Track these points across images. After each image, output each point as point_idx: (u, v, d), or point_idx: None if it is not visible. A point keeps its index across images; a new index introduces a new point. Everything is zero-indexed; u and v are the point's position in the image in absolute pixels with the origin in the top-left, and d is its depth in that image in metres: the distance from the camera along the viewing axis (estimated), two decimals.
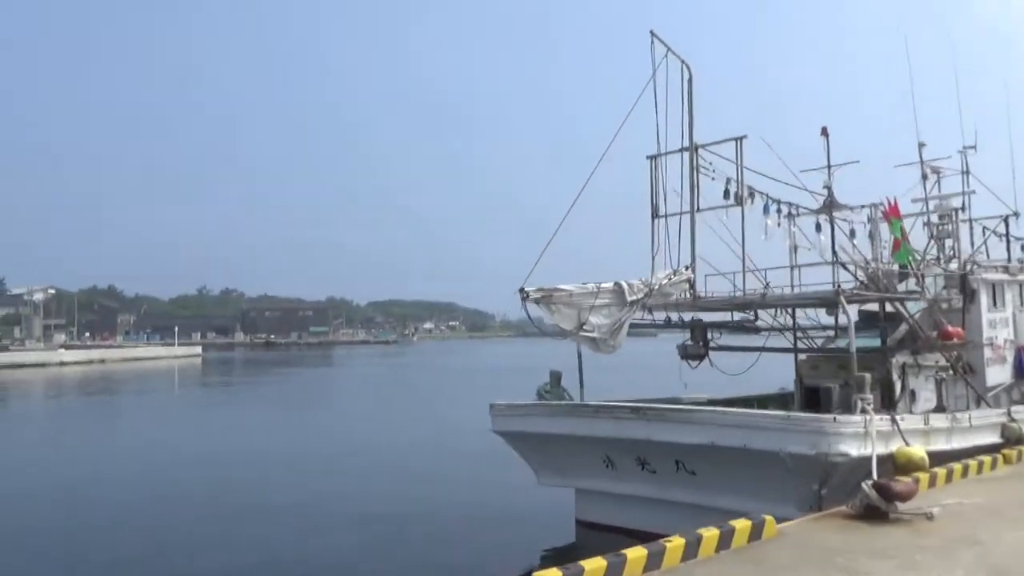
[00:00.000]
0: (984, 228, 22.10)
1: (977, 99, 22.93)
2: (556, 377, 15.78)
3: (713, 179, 14.65)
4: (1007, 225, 21.44)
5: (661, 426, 12.45)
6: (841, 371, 17.17)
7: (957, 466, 11.63)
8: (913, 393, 16.71)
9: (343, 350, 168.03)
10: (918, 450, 11.33)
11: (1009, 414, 14.59)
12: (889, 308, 16.76)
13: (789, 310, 18.57)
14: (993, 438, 14.18)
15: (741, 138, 14.22)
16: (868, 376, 12.10)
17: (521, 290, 12.87)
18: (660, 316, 16.77)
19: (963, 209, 19.73)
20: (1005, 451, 13.17)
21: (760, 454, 11.35)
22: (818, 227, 17.45)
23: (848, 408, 17.02)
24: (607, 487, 13.89)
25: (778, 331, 18.47)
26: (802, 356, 18.09)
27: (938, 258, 19.91)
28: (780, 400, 18.59)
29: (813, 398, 17.38)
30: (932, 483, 10.90)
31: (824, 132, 17.68)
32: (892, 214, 15.13)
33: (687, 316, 17.40)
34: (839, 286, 12.86)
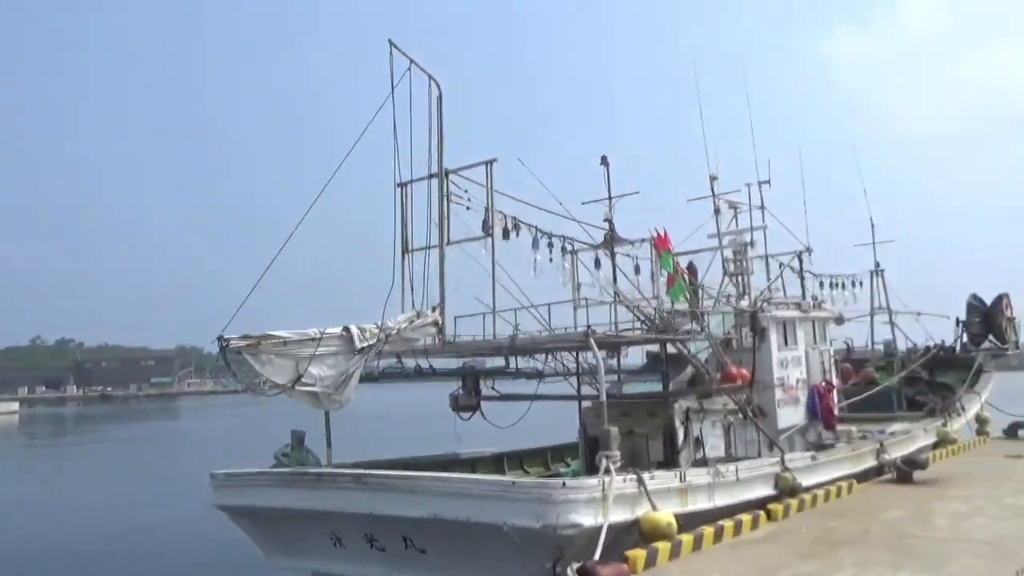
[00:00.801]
0: (781, 264, 21.72)
1: (772, 133, 22.76)
2: (298, 438, 13.59)
3: (469, 208, 13.03)
4: (800, 261, 21.04)
5: (385, 497, 10.50)
6: (624, 419, 15.89)
7: (708, 530, 10.23)
8: (699, 440, 15.55)
9: (191, 401, 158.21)
10: (664, 515, 9.87)
11: (783, 462, 13.50)
12: (673, 349, 15.60)
13: (576, 354, 17.22)
14: (767, 490, 13.02)
15: (491, 161, 12.71)
16: (614, 430, 10.59)
17: (220, 338, 10.70)
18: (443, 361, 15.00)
19: (751, 244, 19.05)
20: (772, 506, 11.94)
21: (486, 528, 9.57)
22: (597, 263, 16.19)
23: (635, 460, 15.81)
24: (339, 569, 11.79)
25: (561, 376, 17.00)
26: (588, 404, 16.65)
27: (733, 296, 19.12)
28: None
29: (596, 448, 16.07)
30: (675, 553, 9.41)
31: (604, 161, 16.56)
32: (660, 246, 13.98)
33: (455, 363, 15.67)
34: (589, 327, 11.43)
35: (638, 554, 9.04)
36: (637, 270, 16.74)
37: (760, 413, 17.47)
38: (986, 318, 26.98)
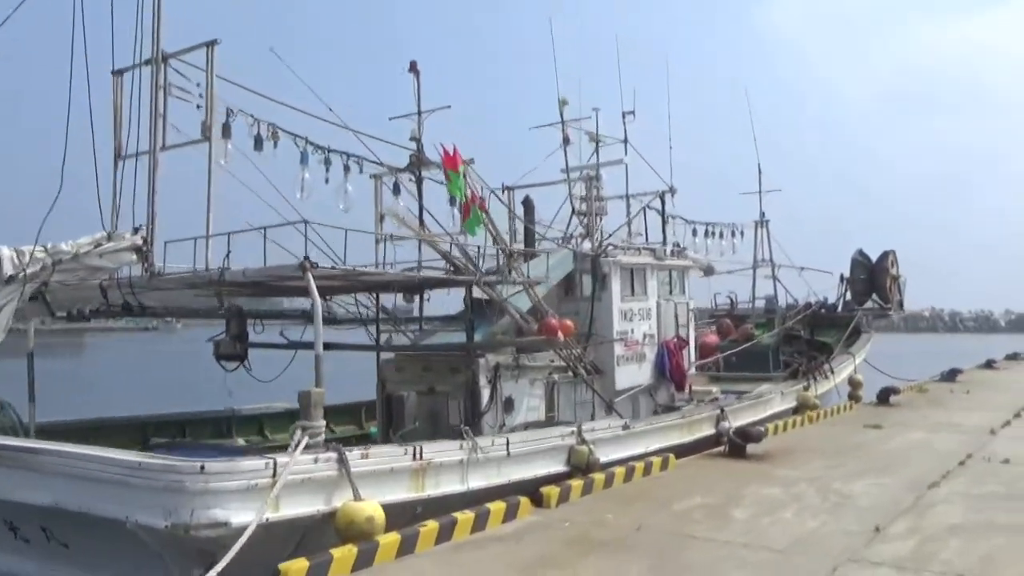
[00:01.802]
0: (647, 208, 19.41)
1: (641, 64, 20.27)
2: None
3: (199, 107, 10.15)
4: (663, 203, 18.75)
5: (15, 477, 7.77)
6: (427, 374, 13.46)
7: (430, 526, 7.81)
8: (511, 402, 13.22)
9: (97, 337, 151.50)
10: (366, 506, 7.39)
11: (579, 432, 11.20)
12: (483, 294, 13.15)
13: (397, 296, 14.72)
14: (556, 467, 10.75)
15: (211, 43, 9.80)
16: (315, 392, 8.00)
17: None
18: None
19: (598, 179, 16.63)
20: (545, 489, 9.62)
21: (113, 524, 6.98)
22: (396, 189, 13.56)
23: (434, 423, 13.42)
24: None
25: (361, 323, 14.44)
26: (389, 356, 14.13)
27: (573, 236, 16.74)
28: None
29: (394, 410, 13.65)
30: (367, 560, 6.97)
31: (412, 68, 13.76)
32: (449, 165, 11.36)
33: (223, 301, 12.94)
34: (307, 258, 8.81)
35: (292, 567, 6.56)
36: (452, 201, 14.22)
37: (595, 371, 15.30)
38: (871, 276, 25.34)
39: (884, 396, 20.24)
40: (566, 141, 16.98)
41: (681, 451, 13.47)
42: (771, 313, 26.47)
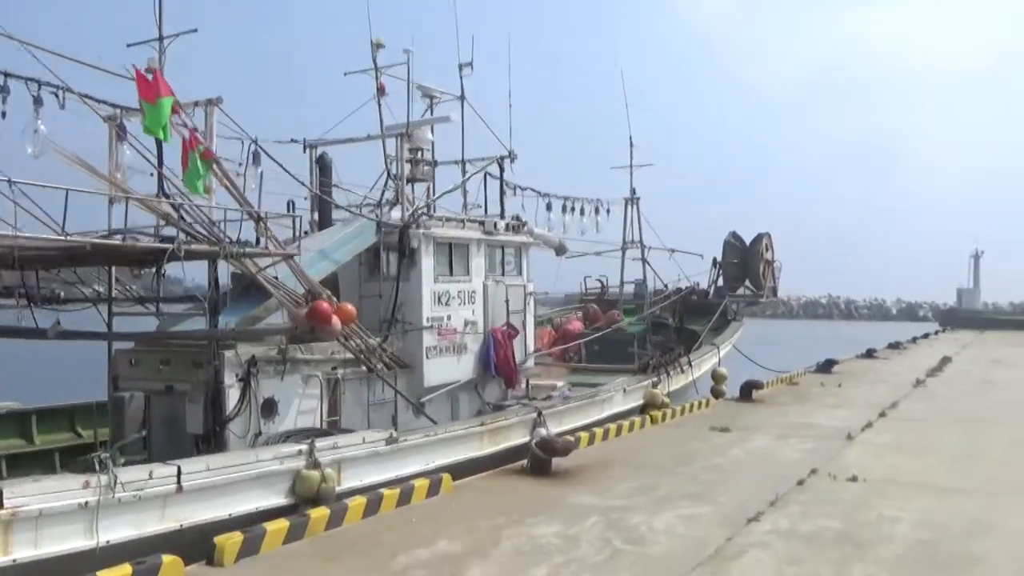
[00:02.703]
0: (488, 175, 16.95)
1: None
2: None
3: None
4: (501, 169, 16.31)
5: None
6: (165, 369, 10.70)
7: None
8: (272, 404, 10.60)
9: None
10: None
11: (311, 452, 8.62)
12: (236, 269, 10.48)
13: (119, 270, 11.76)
14: (276, 499, 8.17)
15: None
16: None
17: None
18: None
19: (408, 136, 14.03)
20: (220, 540, 6.97)
21: None
22: (122, 133, 10.67)
23: (173, 431, 10.69)
24: None
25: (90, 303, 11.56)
26: (127, 345, 11.30)
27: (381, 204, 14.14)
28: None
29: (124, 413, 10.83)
30: None
31: None
32: (145, 95, 8.57)
33: None
34: None
35: None
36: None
37: (399, 364, 12.81)
38: (744, 260, 23.59)
39: (746, 391, 18.42)
40: (380, 91, 14.30)
41: (480, 466, 11.13)
42: (641, 299, 24.52)
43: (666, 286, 24.10)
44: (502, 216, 16.13)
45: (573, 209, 20.93)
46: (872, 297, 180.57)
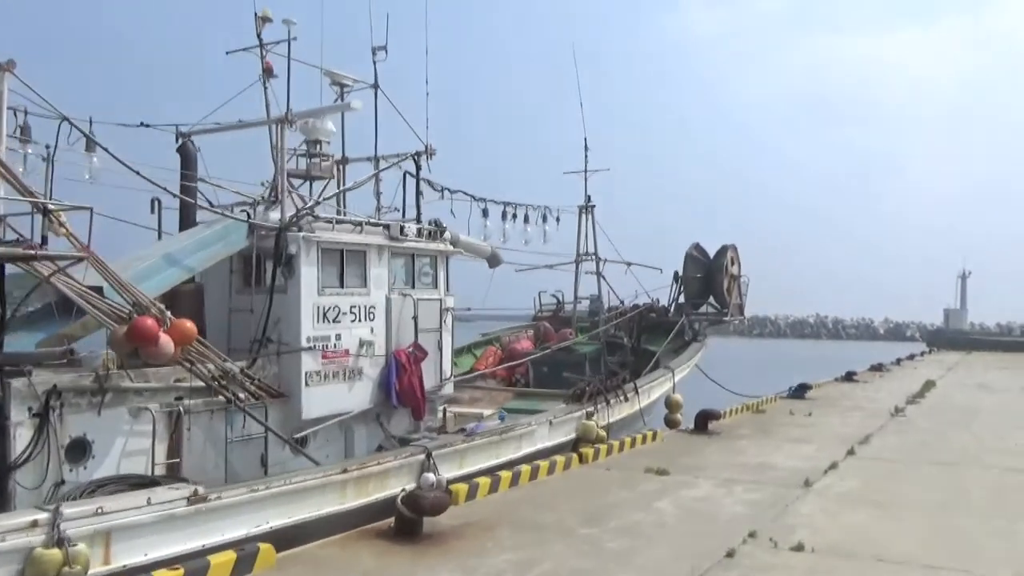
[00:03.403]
0: (407, 174, 14.88)
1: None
2: None
3: None
4: (418, 166, 14.25)
5: None
6: None
7: None
8: (83, 445, 8.53)
9: None
10: None
11: (55, 525, 6.46)
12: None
13: None
14: None
15: None
16: None
17: None
18: None
19: (290, 124, 11.97)
20: None
21: None
22: None
23: None
24: None
25: None
26: None
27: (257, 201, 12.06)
28: None
29: None
30: None
31: None
32: None
33: None
34: None
35: None
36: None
37: (270, 393, 10.72)
38: (707, 274, 21.57)
39: (701, 422, 16.38)
40: (267, 72, 12.28)
41: (343, 523, 9.01)
42: (596, 316, 22.48)
43: (622, 302, 22.09)
44: (418, 220, 14.06)
45: (515, 216, 18.96)
46: (860, 317, 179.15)
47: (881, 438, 15.77)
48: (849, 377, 31.15)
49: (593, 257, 22.24)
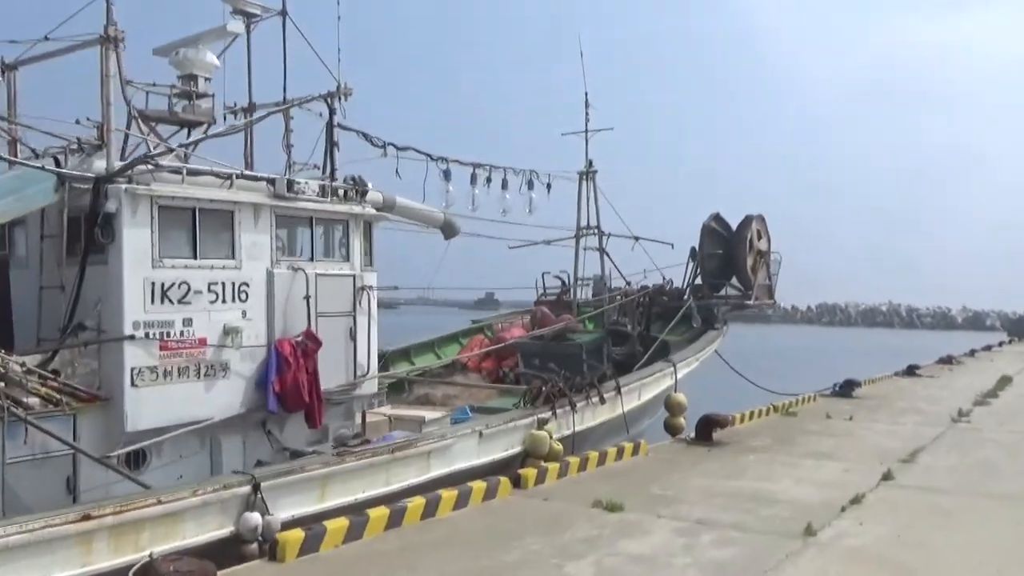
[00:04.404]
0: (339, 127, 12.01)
1: None
2: None
3: None
4: (331, 111, 11.34)
5: None
6: None
7: None
8: None
9: None
10: None
11: None
12: None
13: None
14: None
15: None
16: None
17: None
18: None
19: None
20: None
21: None
22: None
23: None
24: None
25: None
26: None
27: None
28: None
29: None
30: None
31: None
32: None
33: None
34: None
35: None
36: None
37: (78, 397, 8.06)
38: (728, 251, 18.18)
39: (704, 430, 13.19)
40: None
41: None
42: (601, 299, 19.35)
43: (628, 283, 18.91)
44: (331, 177, 11.20)
45: (489, 180, 15.99)
46: (936, 305, 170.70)
47: (933, 454, 12.36)
48: (911, 371, 27.26)
49: (595, 231, 19.15)
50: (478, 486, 8.79)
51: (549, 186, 17.75)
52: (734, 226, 18.23)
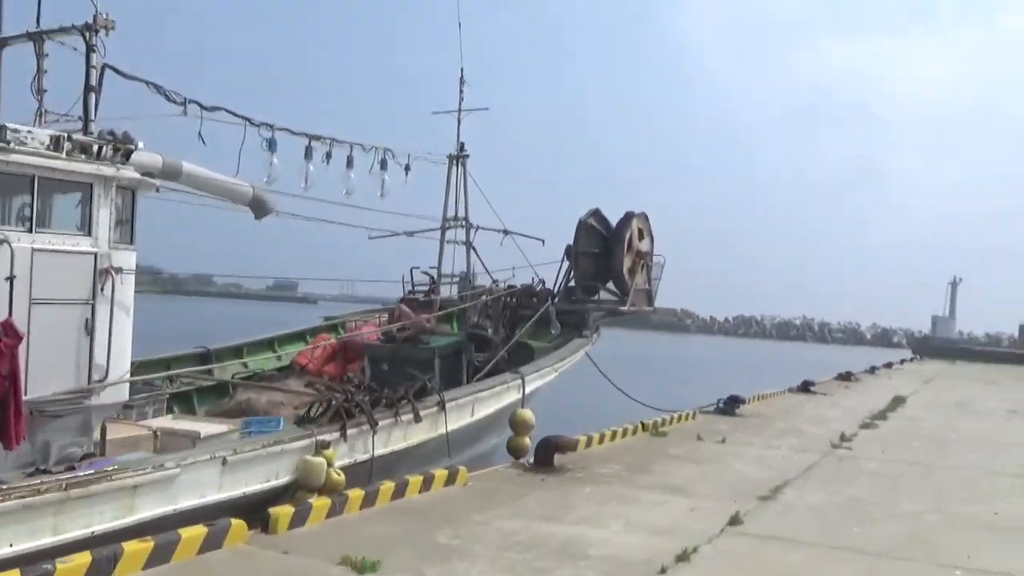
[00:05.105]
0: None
1: None
2: None
3: None
4: (89, 48, 9.09)
5: None
6: None
7: None
8: None
9: None
10: None
11: None
12: None
13: None
14: None
15: None
16: None
17: None
18: None
19: None
20: None
21: None
22: None
23: None
24: None
25: None
26: None
27: None
28: None
29: None
30: None
31: None
32: None
33: None
34: None
35: None
36: None
37: None
38: (606, 251, 16.45)
39: (545, 454, 11.36)
40: None
41: None
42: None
43: (496, 282, 17.04)
44: (85, 130, 8.96)
45: (329, 155, 13.93)
46: (847, 321, 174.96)
47: (799, 489, 10.78)
48: (805, 387, 26.13)
49: (460, 223, 17.23)
50: (192, 534, 6.67)
51: (407, 168, 15.81)
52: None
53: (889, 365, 48.88)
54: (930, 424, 19.07)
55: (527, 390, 13.09)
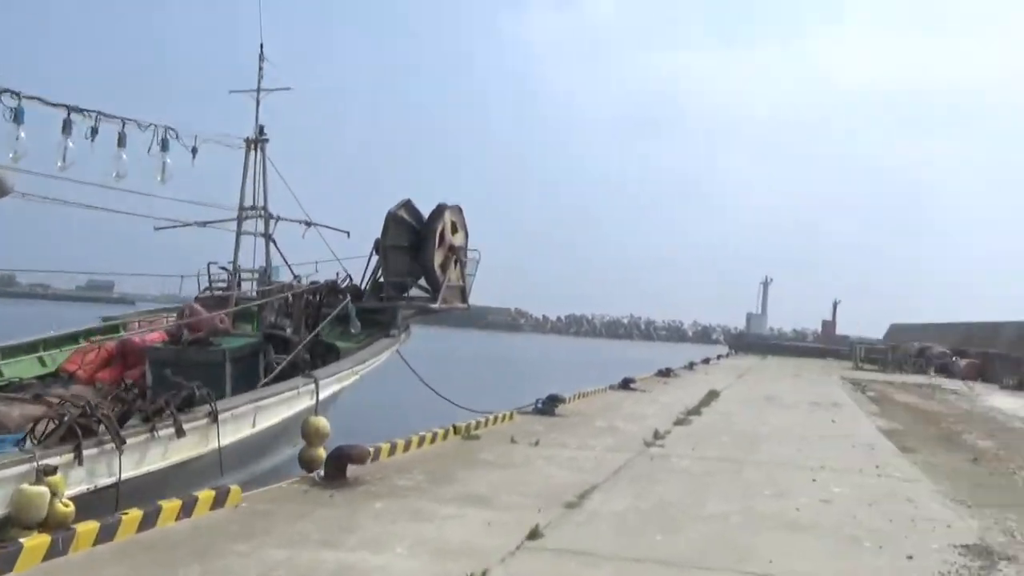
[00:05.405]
0: None
1: None
2: None
3: None
4: None
5: None
6: None
7: None
8: None
9: None
10: None
11: None
12: None
13: None
14: None
15: None
16: None
17: None
18: None
19: None
20: None
21: None
22: None
23: None
24: None
25: None
26: None
27: None
28: None
29: None
30: None
31: None
32: None
33: None
34: None
35: None
36: None
37: None
38: (417, 245, 15.51)
39: (336, 466, 10.24)
40: None
41: None
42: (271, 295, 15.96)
43: (297, 277, 15.71)
44: None
45: (95, 131, 12.18)
46: (671, 319, 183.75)
47: (607, 492, 10.25)
48: (626, 384, 26.33)
49: (259, 212, 15.77)
50: None
51: (195, 150, 14.22)
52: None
53: (707, 361, 51.01)
54: (741, 419, 19.41)
55: (323, 395, 11.89)
